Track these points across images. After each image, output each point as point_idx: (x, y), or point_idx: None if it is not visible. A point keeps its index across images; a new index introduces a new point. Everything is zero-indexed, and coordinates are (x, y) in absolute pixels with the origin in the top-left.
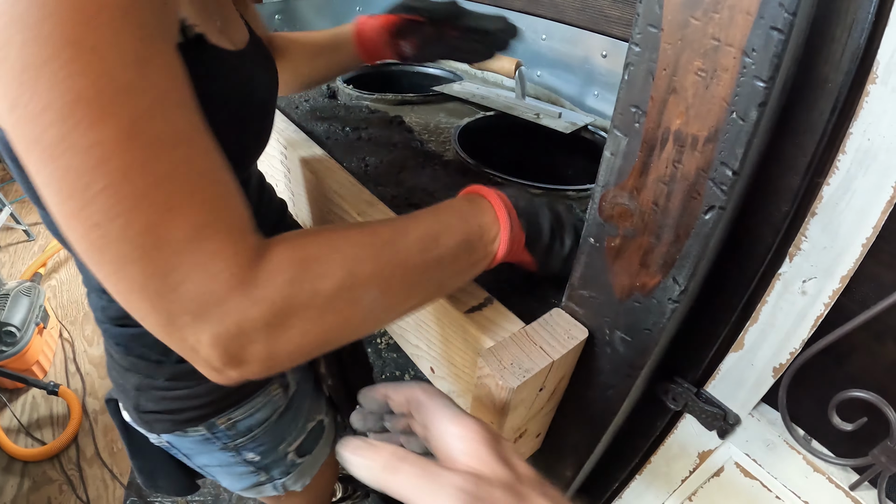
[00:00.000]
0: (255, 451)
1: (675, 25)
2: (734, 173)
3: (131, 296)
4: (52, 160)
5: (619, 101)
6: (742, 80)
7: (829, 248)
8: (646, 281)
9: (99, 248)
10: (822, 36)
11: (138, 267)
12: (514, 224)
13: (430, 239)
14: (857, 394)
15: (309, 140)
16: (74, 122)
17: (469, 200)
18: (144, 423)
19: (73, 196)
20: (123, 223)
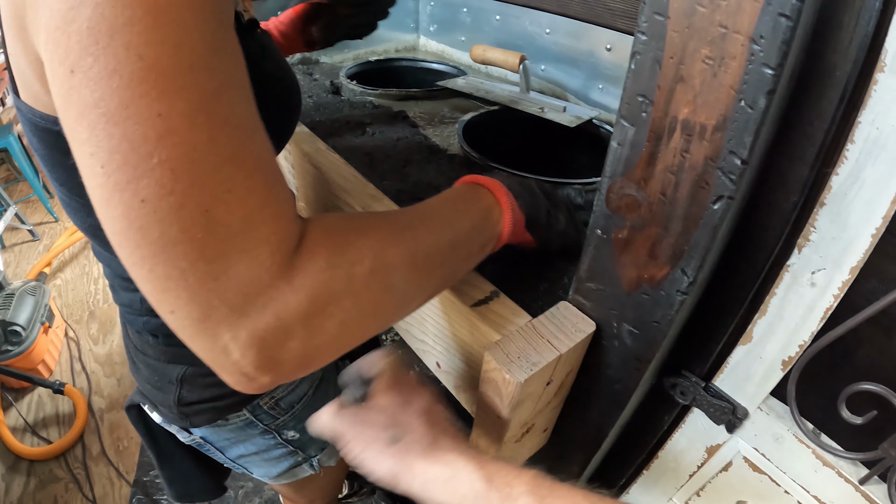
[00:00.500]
0: (295, 429)
1: (681, 13)
2: (743, 162)
3: (167, 282)
4: (110, 126)
5: (626, 91)
6: (750, 68)
7: (838, 239)
8: (654, 273)
9: (142, 226)
10: (829, 23)
11: (182, 250)
12: (513, 205)
13: (445, 223)
14: (867, 387)
15: (313, 135)
16: (144, 90)
17: (470, 186)
18: (183, 418)
19: (125, 167)
20: (176, 202)
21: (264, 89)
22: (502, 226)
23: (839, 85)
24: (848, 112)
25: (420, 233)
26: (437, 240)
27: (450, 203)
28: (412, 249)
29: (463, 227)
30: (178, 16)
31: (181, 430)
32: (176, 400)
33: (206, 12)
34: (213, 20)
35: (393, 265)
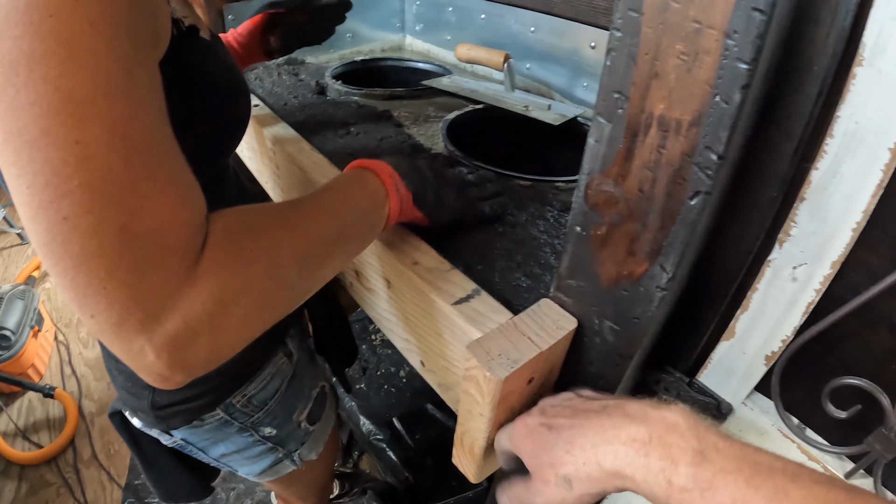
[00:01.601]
0: (271, 426)
1: (655, 9)
2: (719, 157)
3: (88, 290)
4: (33, 152)
5: (602, 88)
6: (724, 63)
7: (819, 234)
8: (633, 269)
9: (63, 241)
10: (807, 18)
11: (101, 262)
12: (398, 185)
13: (333, 214)
14: (851, 381)
15: (297, 136)
16: (63, 119)
17: (354, 173)
18: (160, 421)
19: (47, 188)
20: (95, 219)
21: (209, 94)
22: (388, 207)
23: (817, 79)
24: (826, 106)
25: (309, 227)
26: (325, 231)
27: (338, 192)
28: (302, 245)
29: (350, 214)
30: (91, 46)
31: (162, 434)
32: (150, 404)
33: (119, 39)
34: (126, 46)
35: (285, 262)
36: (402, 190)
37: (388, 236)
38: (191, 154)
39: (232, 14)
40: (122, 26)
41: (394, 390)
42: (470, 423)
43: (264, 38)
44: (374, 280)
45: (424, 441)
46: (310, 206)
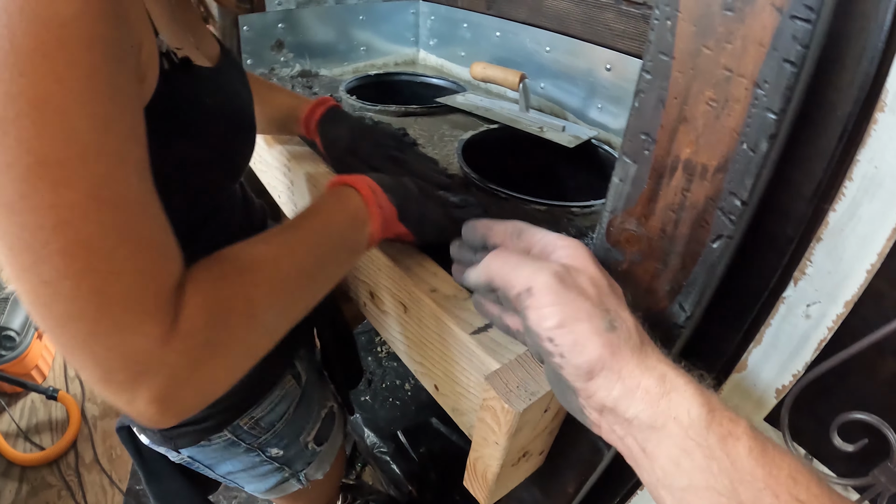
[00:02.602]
0: (278, 447)
1: (686, 54)
2: (743, 203)
3: (73, 349)
4: (11, 215)
5: (629, 128)
6: (753, 112)
7: (834, 273)
8: (651, 306)
9: (46, 304)
10: (831, 63)
11: (82, 325)
12: (381, 201)
13: (309, 248)
14: (859, 416)
15: (313, 154)
16: (37, 183)
17: (334, 194)
18: (167, 441)
19: (27, 252)
20: (73, 284)
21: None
22: (370, 225)
23: (839, 123)
24: (847, 150)
25: (286, 267)
26: (302, 265)
27: (316, 218)
28: (279, 285)
29: (329, 241)
30: (62, 106)
31: (169, 451)
32: None
33: (94, 95)
34: (101, 100)
35: (263, 307)
36: (385, 205)
37: (406, 261)
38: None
39: (247, 25)
40: (97, 79)
41: (398, 403)
42: (484, 450)
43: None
44: (389, 303)
45: (428, 455)
46: (284, 242)
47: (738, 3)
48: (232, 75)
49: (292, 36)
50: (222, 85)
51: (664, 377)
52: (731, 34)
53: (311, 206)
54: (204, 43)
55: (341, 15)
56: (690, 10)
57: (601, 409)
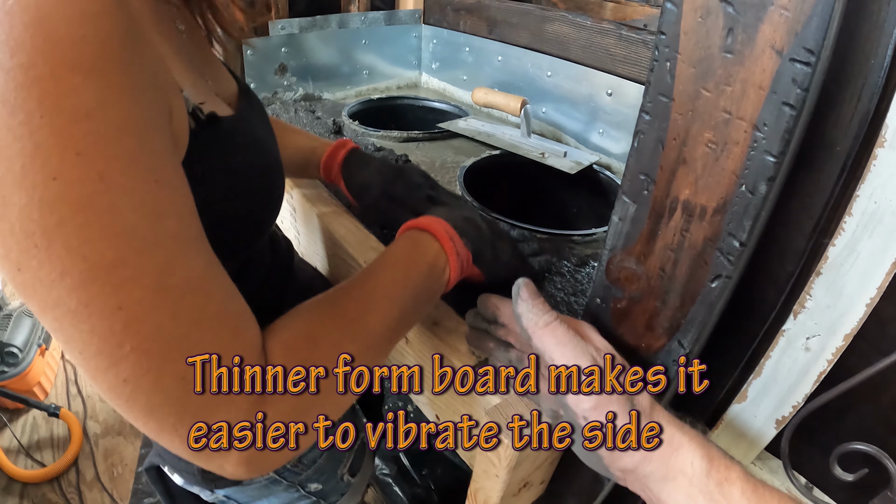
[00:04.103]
0: (318, 481)
1: (686, 96)
2: (741, 244)
3: (161, 434)
4: (76, 323)
5: (629, 168)
6: (752, 154)
7: (833, 307)
8: (650, 343)
9: (129, 399)
10: (831, 100)
11: (170, 411)
12: (458, 246)
13: (391, 300)
14: (858, 447)
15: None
16: (99, 287)
17: (412, 239)
18: (207, 482)
19: (100, 356)
20: (154, 377)
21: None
22: (449, 272)
23: (839, 159)
24: (847, 185)
25: (370, 321)
26: (387, 321)
27: (396, 269)
28: (364, 342)
29: (411, 293)
30: (109, 204)
31: (204, 490)
32: (199, 468)
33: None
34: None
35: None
36: (461, 250)
37: None
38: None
39: (250, 49)
40: (137, 166)
41: None
42: (485, 482)
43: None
44: None
45: (431, 477)
46: (367, 296)
47: (738, 46)
48: (254, 119)
49: (295, 60)
50: (249, 134)
51: (672, 439)
52: (730, 77)
53: (389, 253)
54: (221, 83)
55: (344, 39)
56: (690, 52)
57: (624, 471)
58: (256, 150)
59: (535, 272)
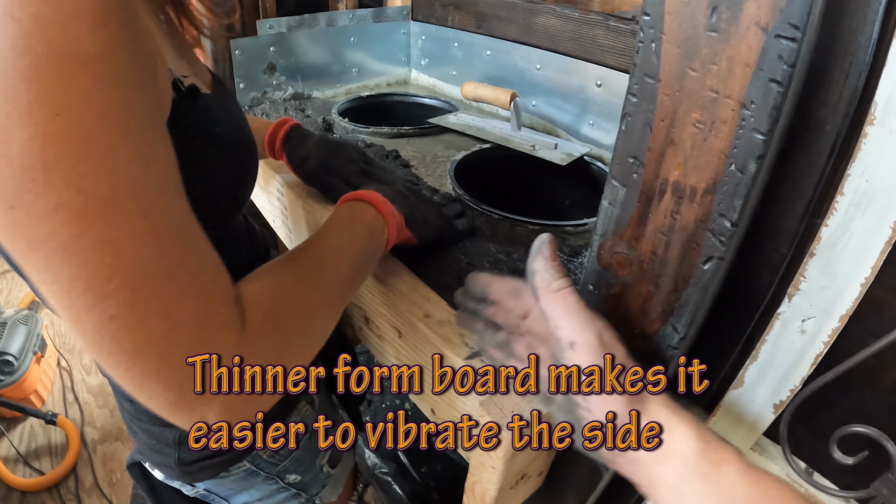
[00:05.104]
0: (296, 472)
1: (672, 77)
2: (733, 224)
3: (143, 378)
4: (66, 257)
5: (617, 152)
6: (741, 133)
7: (828, 288)
8: (645, 327)
9: (114, 339)
10: (819, 79)
11: (153, 352)
12: (392, 210)
13: (344, 253)
14: (858, 429)
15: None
16: (92, 220)
17: (351, 207)
18: (186, 475)
19: (88, 292)
20: (140, 314)
21: (217, 153)
22: (387, 232)
23: (829, 139)
24: (837, 165)
25: (328, 273)
26: (342, 272)
27: (341, 231)
28: (327, 290)
29: (358, 248)
30: (106, 141)
31: (185, 485)
32: (176, 461)
33: (131, 126)
34: (139, 130)
35: (316, 311)
36: (396, 214)
37: (400, 287)
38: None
39: (239, 49)
40: (133, 110)
41: None
42: (482, 475)
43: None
44: (385, 328)
45: (430, 475)
46: (321, 253)
47: (723, 24)
48: (228, 101)
49: (284, 59)
50: (225, 110)
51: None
52: (716, 55)
53: (332, 220)
54: (197, 70)
55: (333, 37)
56: (675, 32)
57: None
58: (232, 125)
59: (458, 232)
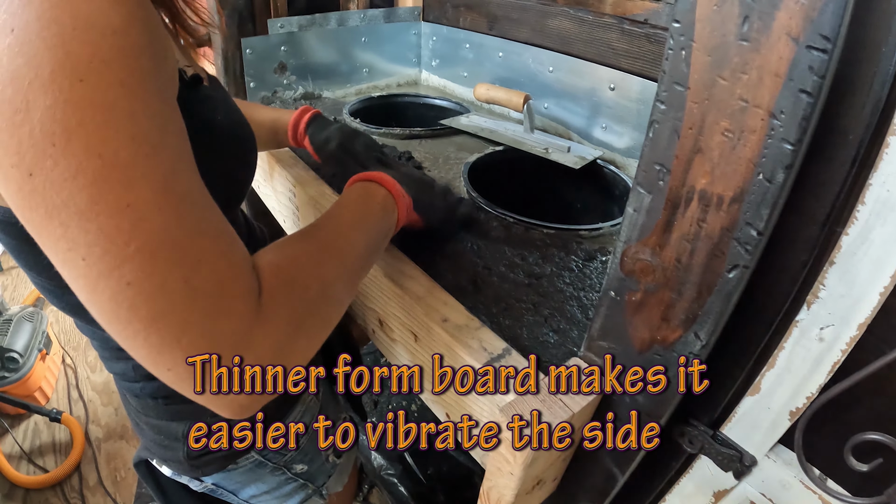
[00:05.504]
0: (303, 462)
1: (701, 85)
2: (759, 233)
3: (162, 348)
4: (84, 222)
5: (643, 159)
6: (769, 143)
7: (847, 297)
8: (666, 335)
9: (131, 306)
10: (843, 89)
11: (172, 319)
12: (402, 192)
13: (358, 228)
14: (873, 436)
15: (318, 179)
16: (110, 186)
17: (363, 187)
18: (195, 469)
19: (106, 257)
20: (159, 280)
21: (219, 142)
22: (398, 212)
23: (852, 147)
24: (859, 174)
25: (343, 246)
26: (356, 247)
27: (354, 208)
28: (342, 263)
29: (371, 225)
30: (127, 108)
31: (193, 480)
32: (185, 455)
33: (150, 95)
34: (157, 101)
35: (332, 282)
36: (405, 196)
37: (416, 290)
38: None
39: (250, 48)
40: (150, 81)
41: None
42: (499, 480)
43: None
44: (400, 332)
45: (436, 476)
46: (336, 227)
47: (754, 34)
48: (226, 96)
49: (295, 58)
50: (224, 101)
51: None
52: (746, 64)
53: (345, 198)
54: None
55: (343, 37)
56: (705, 40)
57: None
58: (232, 115)
59: (462, 216)
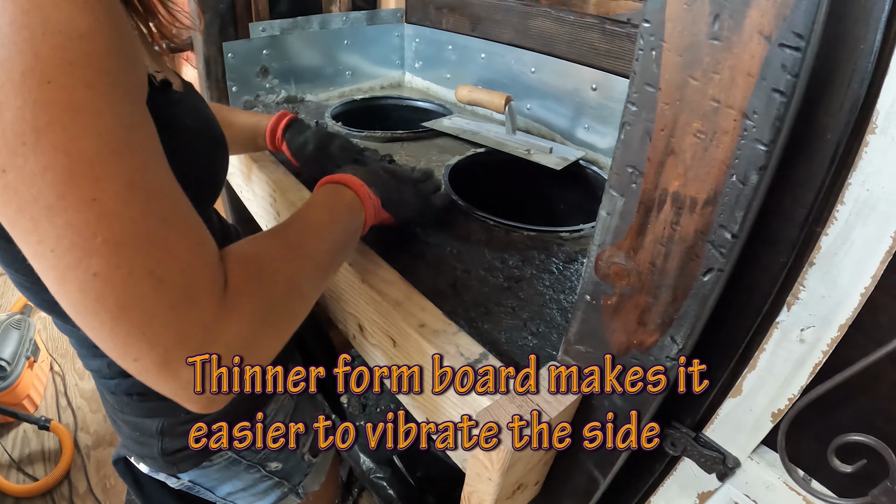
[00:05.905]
0: (277, 460)
1: (673, 85)
2: (733, 236)
3: (128, 338)
4: (52, 216)
5: (616, 161)
6: (742, 143)
7: (828, 298)
8: (643, 339)
9: (98, 296)
10: (821, 87)
11: (138, 311)
12: (369, 193)
13: (324, 228)
14: (857, 438)
15: (298, 183)
16: (77, 181)
17: (330, 188)
18: (170, 466)
19: (73, 249)
20: (125, 271)
21: (188, 144)
22: (365, 214)
23: (830, 147)
24: (838, 173)
25: (310, 243)
26: (324, 244)
27: (322, 208)
28: (310, 259)
29: (340, 226)
30: (93, 108)
31: (170, 477)
32: (160, 451)
33: (117, 97)
34: (124, 102)
35: (299, 278)
36: (372, 197)
37: (394, 296)
38: None
39: (232, 52)
40: (117, 84)
41: None
42: (478, 485)
43: None
44: (379, 337)
45: (426, 479)
46: (304, 225)
47: (725, 33)
48: (198, 100)
49: (277, 62)
50: (195, 107)
51: None
52: (718, 64)
53: (314, 199)
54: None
55: (326, 40)
56: (676, 40)
57: None
58: (203, 120)
59: (437, 208)
